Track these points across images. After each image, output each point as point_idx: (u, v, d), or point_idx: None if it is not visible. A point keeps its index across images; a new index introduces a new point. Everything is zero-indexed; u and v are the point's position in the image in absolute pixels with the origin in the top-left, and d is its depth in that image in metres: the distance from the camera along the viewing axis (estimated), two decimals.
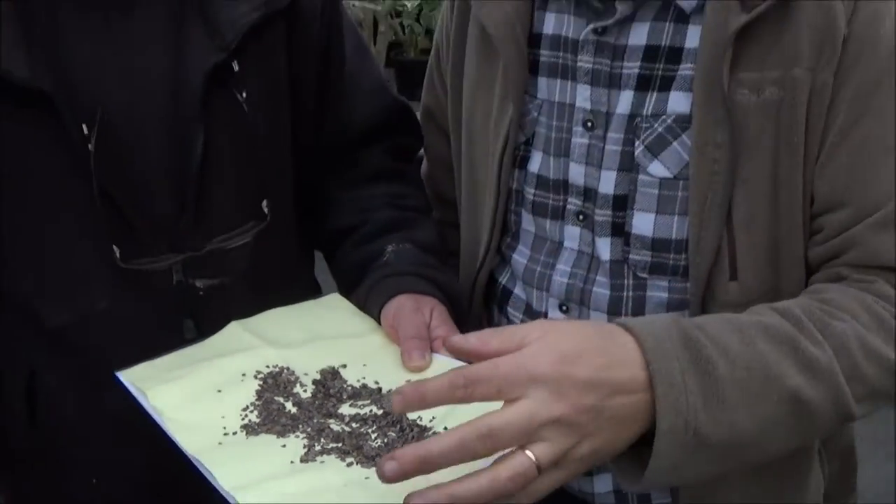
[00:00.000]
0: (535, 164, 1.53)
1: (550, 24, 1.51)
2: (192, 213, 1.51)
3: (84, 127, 1.42)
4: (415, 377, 1.32)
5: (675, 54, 1.40)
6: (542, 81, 1.52)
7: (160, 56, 1.48)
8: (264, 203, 1.58)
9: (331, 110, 1.71)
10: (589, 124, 1.46)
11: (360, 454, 1.19)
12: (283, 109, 1.62)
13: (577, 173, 1.48)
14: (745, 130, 1.34)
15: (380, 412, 1.28)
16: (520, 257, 1.60)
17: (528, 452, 1.03)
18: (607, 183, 1.45)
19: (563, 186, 1.51)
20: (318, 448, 1.21)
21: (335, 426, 1.25)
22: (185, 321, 1.55)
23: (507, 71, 1.51)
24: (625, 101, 1.43)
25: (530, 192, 1.55)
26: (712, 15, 1.33)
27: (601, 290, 1.49)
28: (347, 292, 1.58)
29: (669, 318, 1.19)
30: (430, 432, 1.22)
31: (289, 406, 1.30)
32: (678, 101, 1.39)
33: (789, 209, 1.36)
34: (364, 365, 1.38)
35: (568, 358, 1.06)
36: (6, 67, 1.39)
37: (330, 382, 1.34)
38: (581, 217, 1.50)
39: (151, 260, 1.50)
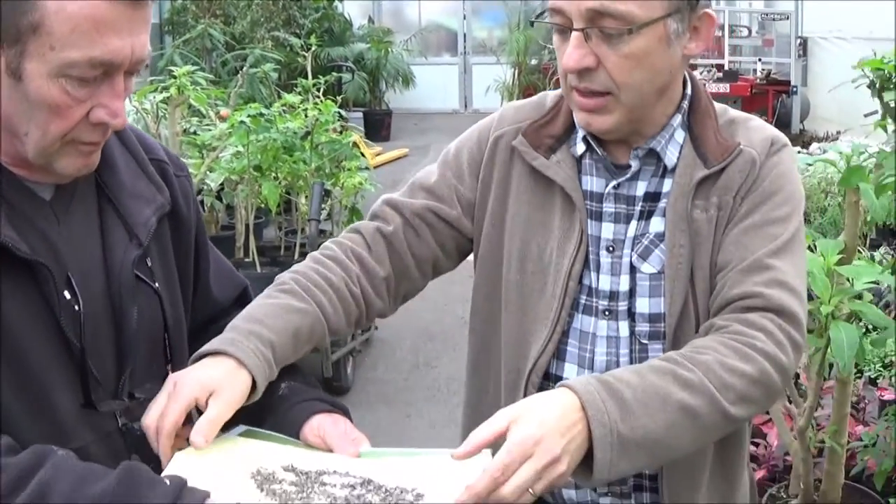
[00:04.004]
0: (586, 279, 2.24)
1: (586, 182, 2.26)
2: (129, 371, 1.96)
3: (66, 293, 1.86)
4: (348, 462, 1.91)
5: (657, 196, 2.20)
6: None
7: (96, 248, 1.95)
8: (169, 368, 2.05)
9: (202, 289, 2.24)
10: (610, 248, 2.21)
11: (360, 501, 1.77)
12: (175, 294, 2.11)
13: (604, 282, 2.21)
14: (698, 235, 2.14)
15: (359, 482, 1.83)
16: (572, 348, 2.25)
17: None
18: (624, 283, 2.20)
19: (595, 292, 2.22)
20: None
21: (331, 490, 1.80)
22: (132, 457, 1.92)
23: (577, 216, 2.20)
24: (631, 230, 2.20)
25: (582, 298, 2.24)
26: (683, 167, 2.16)
27: (623, 359, 2.21)
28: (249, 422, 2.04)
29: (591, 375, 1.97)
30: (410, 494, 1.79)
31: (285, 486, 1.80)
32: (656, 225, 2.18)
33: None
34: (306, 461, 1.90)
35: (544, 420, 1.78)
36: (7, 241, 1.77)
37: (299, 470, 1.86)
38: (607, 313, 2.21)
39: (111, 405, 1.93)
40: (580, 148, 2.24)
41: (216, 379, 1.90)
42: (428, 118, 21.34)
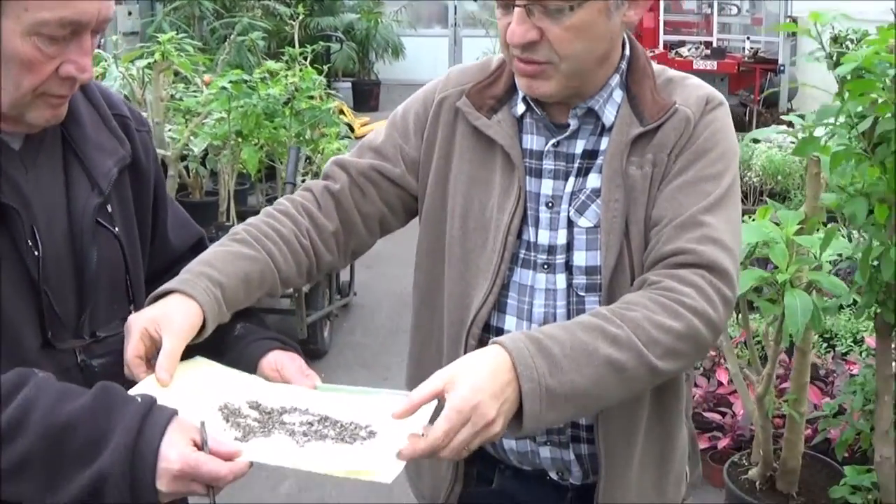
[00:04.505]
0: (525, 234, 2.31)
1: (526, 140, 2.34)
2: (89, 311, 2.08)
3: (29, 240, 1.97)
4: (307, 395, 2.02)
5: (595, 154, 2.28)
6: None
7: (60, 196, 2.07)
8: (132, 307, 2.17)
9: (160, 236, 2.36)
10: (550, 204, 2.28)
11: (317, 436, 1.87)
12: (134, 240, 2.22)
13: (543, 236, 2.29)
14: (633, 190, 2.21)
15: (317, 418, 1.93)
16: (511, 301, 2.32)
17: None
18: (562, 237, 2.27)
19: (534, 246, 2.30)
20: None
21: (290, 427, 1.90)
22: None
23: (516, 173, 2.28)
24: (569, 186, 2.28)
25: (521, 252, 2.31)
26: (619, 125, 2.24)
27: (560, 311, 2.28)
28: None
29: (523, 332, 2.02)
30: (363, 430, 1.90)
31: (249, 421, 1.91)
32: (593, 181, 2.26)
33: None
34: (269, 397, 2.01)
35: (478, 384, 1.86)
36: None
37: (263, 408, 1.97)
38: (545, 266, 2.28)
39: (71, 343, 2.06)
40: (520, 108, 2.33)
41: (165, 312, 2.01)
42: (417, 89, 21.24)
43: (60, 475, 1.73)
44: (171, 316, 2.00)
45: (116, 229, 2.15)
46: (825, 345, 6.23)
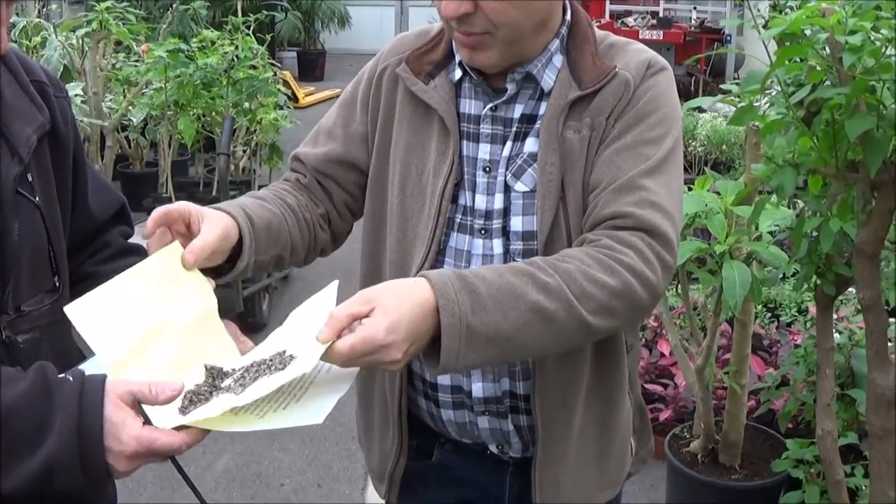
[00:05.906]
0: (462, 198, 2.31)
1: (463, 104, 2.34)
2: (12, 285, 1.99)
3: None
4: (239, 362, 1.95)
5: (533, 118, 2.26)
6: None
7: None
8: (56, 279, 2.11)
9: (80, 205, 2.29)
10: (487, 169, 2.27)
11: (252, 379, 1.84)
12: (55, 209, 2.15)
13: (480, 201, 2.27)
14: (570, 154, 2.19)
15: (244, 370, 1.88)
16: (448, 266, 2.29)
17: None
18: (498, 202, 2.26)
19: (471, 211, 2.29)
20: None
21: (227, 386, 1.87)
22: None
23: (451, 138, 2.28)
24: (506, 150, 2.27)
25: (458, 217, 2.30)
26: (558, 89, 2.22)
27: None
28: None
29: (452, 269, 2.03)
30: (285, 357, 1.87)
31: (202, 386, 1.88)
32: (530, 145, 2.24)
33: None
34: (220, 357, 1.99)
35: (395, 324, 1.80)
36: None
37: (211, 375, 1.92)
38: (482, 231, 2.27)
39: None
40: (458, 73, 2.32)
41: (211, 212, 2.08)
42: (363, 59, 20.91)
43: (7, 462, 1.70)
44: (216, 217, 2.07)
45: (37, 199, 2.08)
46: (769, 315, 6.23)
